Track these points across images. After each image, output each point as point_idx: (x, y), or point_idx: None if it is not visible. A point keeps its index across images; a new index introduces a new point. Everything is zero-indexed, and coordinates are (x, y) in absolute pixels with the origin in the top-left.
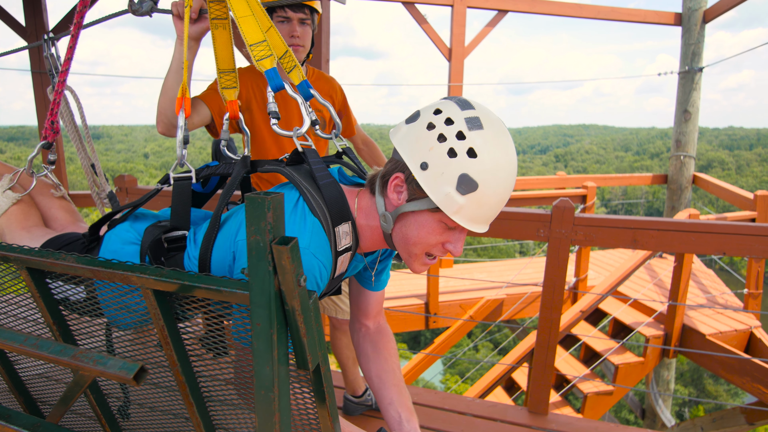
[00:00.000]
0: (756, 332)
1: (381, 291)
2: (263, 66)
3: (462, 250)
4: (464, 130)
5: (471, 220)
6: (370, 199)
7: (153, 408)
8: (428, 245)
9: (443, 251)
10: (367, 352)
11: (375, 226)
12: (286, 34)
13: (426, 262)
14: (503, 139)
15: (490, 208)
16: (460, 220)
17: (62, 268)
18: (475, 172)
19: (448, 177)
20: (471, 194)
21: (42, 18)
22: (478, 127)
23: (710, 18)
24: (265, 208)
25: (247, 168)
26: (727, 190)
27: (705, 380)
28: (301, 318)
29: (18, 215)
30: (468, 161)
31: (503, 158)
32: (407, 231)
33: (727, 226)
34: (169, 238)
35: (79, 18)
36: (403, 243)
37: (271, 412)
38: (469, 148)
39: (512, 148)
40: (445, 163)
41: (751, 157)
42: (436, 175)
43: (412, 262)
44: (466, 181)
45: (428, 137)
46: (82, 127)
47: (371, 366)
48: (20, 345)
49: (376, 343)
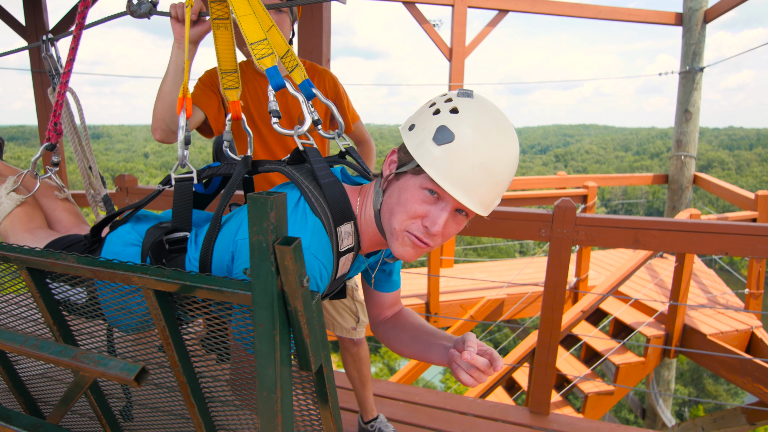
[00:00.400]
0: (757, 332)
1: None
2: (264, 64)
3: (441, 227)
4: (453, 97)
5: (445, 176)
6: (370, 193)
7: (154, 408)
8: (407, 215)
9: (422, 229)
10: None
11: (372, 221)
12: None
13: (406, 241)
14: (491, 110)
15: (467, 168)
16: (433, 173)
17: (62, 268)
18: (453, 124)
19: (429, 130)
20: (446, 145)
21: (42, 17)
22: (467, 96)
23: (711, 18)
24: (267, 208)
25: (249, 168)
26: (728, 190)
27: (705, 380)
28: (304, 319)
29: (22, 217)
30: (449, 116)
31: (487, 119)
32: (390, 200)
33: (729, 226)
34: (170, 239)
35: (81, 19)
36: (387, 217)
37: (273, 414)
38: (453, 107)
39: (503, 121)
40: (429, 119)
41: (751, 157)
42: (418, 131)
43: (394, 240)
44: (442, 131)
45: (424, 108)
46: (81, 129)
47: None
48: (20, 346)
49: (396, 322)
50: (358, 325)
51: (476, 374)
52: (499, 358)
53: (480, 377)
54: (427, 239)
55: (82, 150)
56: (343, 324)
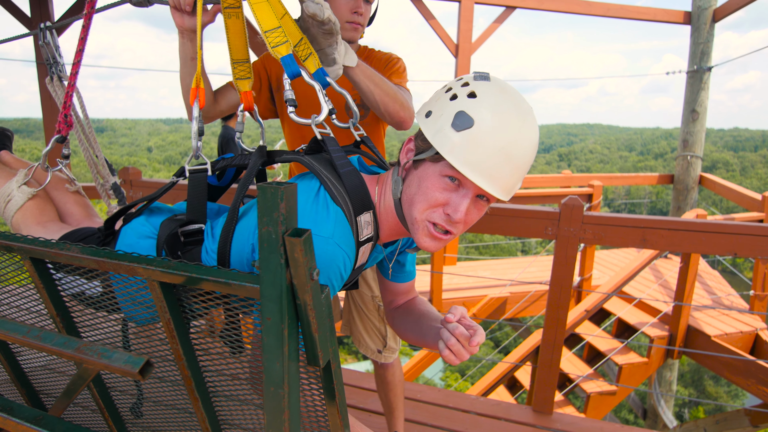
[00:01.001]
0: (762, 334)
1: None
2: (279, 53)
3: (463, 214)
4: (470, 80)
5: (465, 162)
6: (388, 182)
7: (157, 402)
8: (428, 203)
9: (444, 216)
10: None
11: (392, 210)
12: (348, 10)
13: (431, 232)
14: (510, 91)
15: (486, 154)
16: (453, 160)
17: (66, 259)
18: (471, 109)
19: (447, 117)
20: (465, 131)
21: (48, 8)
22: (485, 79)
23: (720, 17)
24: (277, 198)
25: (264, 158)
26: (734, 191)
27: (705, 381)
28: (313, 313)
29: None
30: (466, 100)
31: (506, 102)
32: (410, 190)
33: (739, 226)
34: (185, 231)
35: (90, 8)
36: (407, 207)
37: (280, 410)
38: (470, 92)
39: (521, 103)
40: (446, 105)
41: (756, 159)
42: (436, 117)
43: (415, 231)
44: (460, 117)
45: (440, 92)
46: (84, 119)
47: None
48: (23, 336)
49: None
50: (384, 350)
51: (456, 347)
52: (480, 335)
53: (460, 352)
54: (449, 227)
55: (87, 140)
56: (369, 344)
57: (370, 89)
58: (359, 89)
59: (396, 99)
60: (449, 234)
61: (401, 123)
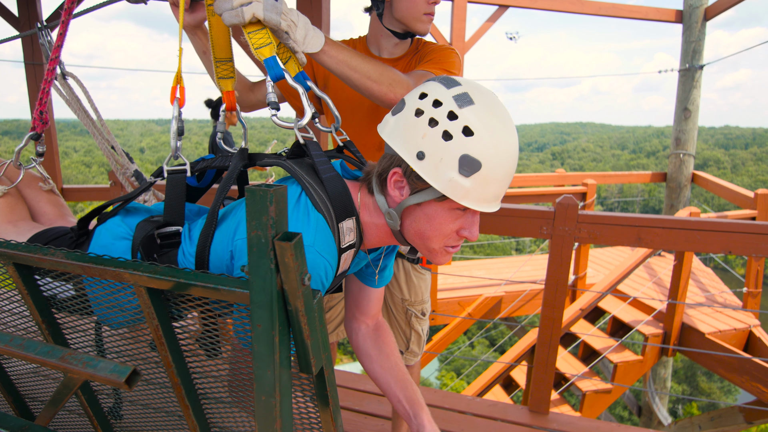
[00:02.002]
0: (755, 331)
1: (382, 288)
2: (262, 54)
3: (478, 233)
4: (455, 109)
5: (481, 200)
6: (370, 196)
7: (146, 406)
8: (443, 236)
9: (459, 238)
10: (368, 352)
11: (381, 223)
12: (426, 0)
13: (448, 251)
14: (497, 111)
15: (498, 185)
16: (470, 204)
17: (51, 264)
18: (475, 150)
19: (449, 162)
20: (476, 174)
21: (35, 8)
22: (468, 103)
23: (711, 15)
24: (267, 201)
25: (245, 161)
26: (727, 188)
27: (699, 378)
28: (305, 319)
29: (4, 208)
30: (465, 141)
31: (501, 130)
32: (419, 226)
33: (733, 224)
34: (162, 233)
35: (70, 3)
36: (419, 239)
37: (272, 419)
38: (464, 127)
39: (509, 118)
40: (442, 147)
41: (747, 156)
42: (435, 162)
43: (434, 256)
44: (467, 162)
45: (418, 124)
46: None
47: (374, 366)
48: (5, 346)
49: (377, 341)
50: (406, 353)
51: None
52: None
53: None
54: (459, 242)
55: (99, 132)
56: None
57: (346, 74)
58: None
59: (380, 80)
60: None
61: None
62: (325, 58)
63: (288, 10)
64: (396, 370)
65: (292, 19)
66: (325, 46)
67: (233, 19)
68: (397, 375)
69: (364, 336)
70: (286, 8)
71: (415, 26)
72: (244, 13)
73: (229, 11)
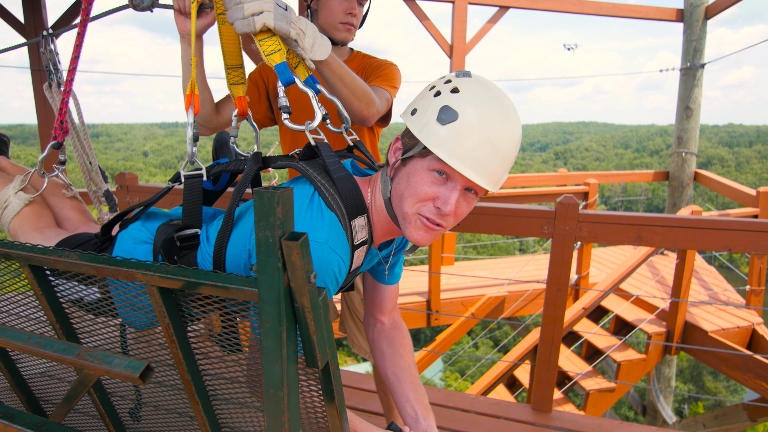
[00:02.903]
0: (758, 329)
1: (395, 285)
2: (273, 60)
3: (453, 206)
4: (453, 78)
5: (453, 155)
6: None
7: (157, 406)
8: (418, 198)
9: (434, 210)
10: (382, 349)
11: (383, 211)
12: (342, 11)
13: (420, 225)
14: (491, 86)
15: (472, 145)
16: (441, 153)
17: (65, 266)
18: (455, 103)
19: (431, 112)
20: (451, 124)
21: (41, 15)
22: (466, 75)
23: (712, 14)
24: (274, 202)
25: (259, 164)
26: (729, 186)
27: (704, 377)
28: (311, 315)
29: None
30: (450, 95)
31: (488, 96)
32: (399, 188)
33: (733, 222)
34: (181, 236)
35: (85, 15)
36: (398, 203)
37: (280, 411)
38: (453, 87)
39: (503, 95)
40: (431, 101)
41: (751, 154)
42: (421, 113)
43: (406, 226)
44: (445, 111)
45: (424, 92)
46: (80, 125)
47: (387, 363)
48: (24, 343)
49: (392, 340)
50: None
51: None
52: None
53: None
54: (439, 220)
55: (82, 146)
56: (363, 345)
57: (338, 87)
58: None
59: (362, 99)
60: (440, 227)
61: (363, 120)
62: (326, 70)
63: (297, 19)
64: (409, 372)
65: (301, 28)
66: (329, 58)
67: (245, 28)
68: (408, 377)
69: (379, 333)
70: (296, 17)
71: (334, 35)
72: (256, 22)
73: (241, 20)
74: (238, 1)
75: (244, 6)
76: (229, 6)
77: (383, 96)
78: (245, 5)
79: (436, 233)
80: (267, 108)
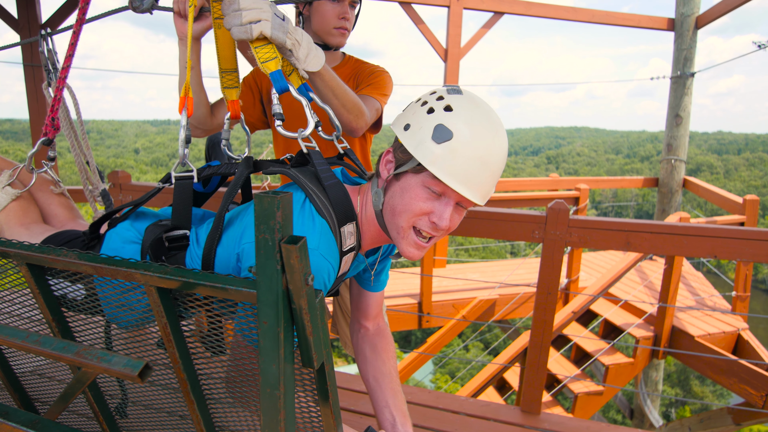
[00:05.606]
0: (743, 334)
1: (380, 292)
2: (268, 68)
3: (448, 221)
4: (444, 94)
5: (448, 173)
6: (368, 193)
7: (151, 406)
8: (413, 213)
9: (429, 224)
10: (365, 353)
11: (374, 220)
12: (336, 15)
13: (414, 240)
14: (481, 104)
15: (466, 163)
16: (437, 172)
17: (64, 265)
18: (449, 123)
19: (426, 130)
20: (446, 143)
21: (35, 10)
22: (457, 92)
23: (702, 24)
24: (274, 207)
25: (251, 168)
26: (716, 194)
27: (691, 381)
28: (308, 317)
29: (17, 211)
30: (444, 114)
31: (479, 115)
32: (393, 201)
33: (718, 229)
34: (170, 237)
35: (82, 14)
36: (391, 217)
37: (276, 410)
38: (446, 105)
39: (493, 116)
40: (424, 119)
41: (739, 162)
42: (415, 131)
43: (400, 240)
44: (440, 130)
45: (415, 106)
46: (78, 124)
47: (368, 368)
48: (22, 342)
49: (375, 345)
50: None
51: None
52: None
53: None
54: (433, 233)
55: (79, 145)
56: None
57: (328, 97)
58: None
59: (352, 110)
60: (431, 240)
61: (352, 132)
62: (318, 81)
63: (293, 29)
64: (389, 378)
65: (297, 39)
66: (322, 69)
67: (242, 35)
68: (389, 382)
69: (363, 338)
70: (292, 27)
71: (327, 39)
72: (253, 30)
73: (238, 27)
74: (236, 8)
75: (242, 13)
76: (227, 12)
77: (373, 106)
78: (243, 12)
79: (427, 247)
80: (260, 112)
